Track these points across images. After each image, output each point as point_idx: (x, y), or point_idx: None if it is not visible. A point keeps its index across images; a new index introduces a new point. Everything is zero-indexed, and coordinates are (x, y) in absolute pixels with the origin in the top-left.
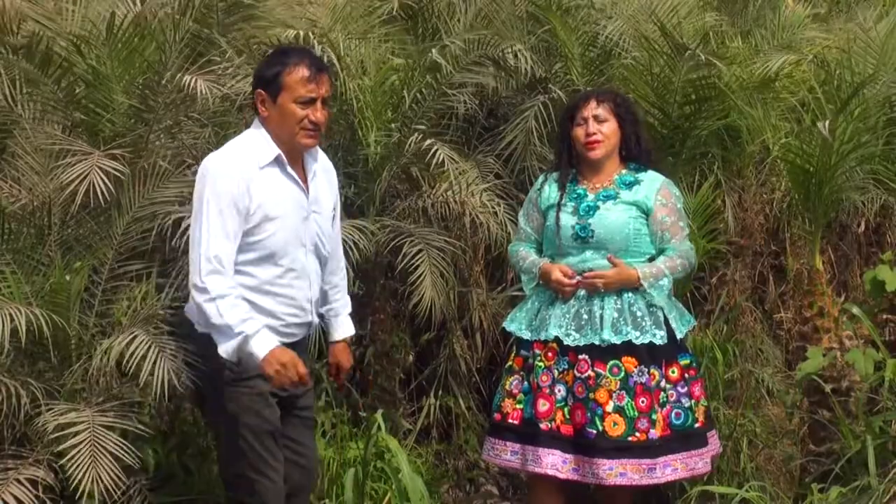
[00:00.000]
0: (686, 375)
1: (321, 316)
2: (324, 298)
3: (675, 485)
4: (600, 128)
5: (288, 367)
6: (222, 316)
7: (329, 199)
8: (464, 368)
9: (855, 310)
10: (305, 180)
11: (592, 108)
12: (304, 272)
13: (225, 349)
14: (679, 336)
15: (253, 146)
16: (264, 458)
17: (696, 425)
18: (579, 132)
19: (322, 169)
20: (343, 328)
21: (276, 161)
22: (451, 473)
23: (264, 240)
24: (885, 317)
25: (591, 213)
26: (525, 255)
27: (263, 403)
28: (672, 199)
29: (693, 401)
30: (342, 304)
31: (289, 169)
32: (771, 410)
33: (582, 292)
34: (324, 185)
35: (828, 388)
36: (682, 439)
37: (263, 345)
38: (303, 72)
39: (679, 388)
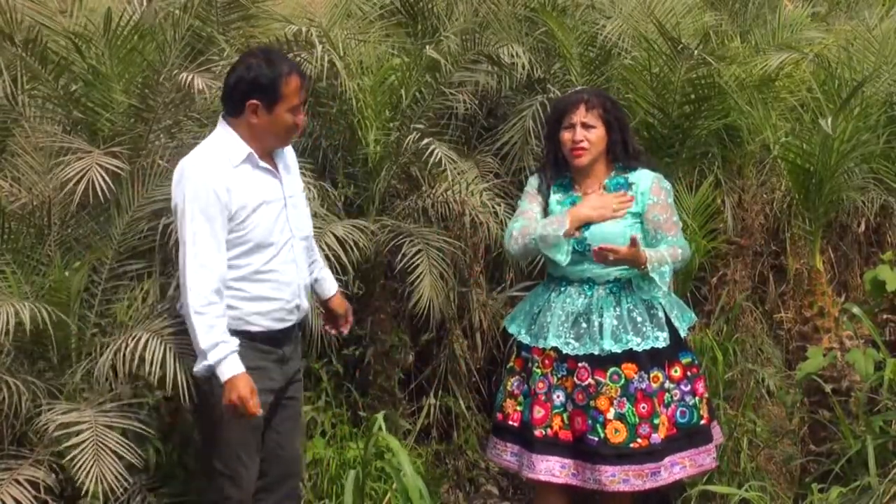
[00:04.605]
0: (689, 373)
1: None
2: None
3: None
4: (587, 135)
5: (244, 399)
6: (198, 337)
7: (298, 183)
8: (464, 368)
9: (855, 310)
10: (277, 171)
11: (581, 115)
12: (292, 256)
13: (197, 369)
14: (683, 334)
15: (225, 147)
16: (240, 457)
17: (702, 422)
18: (566, 137)
19: (288, 157)
20: (330, 283)
21: (248, 159)
22: (451, 473)
23: (249, 232)
24: (885, 317)
25: (586, 225)
26: (530, 223)
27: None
28: (663, 194)
29: (697, 398)
30: (322, 267)
31: (260, 163)
32: (771, 410)
33: (580, 299)
34: (292, 171)
35: (828, 388)
36: (688, 437)
37: (229, 369)
38: (296, 81)
39: (682, 387)
